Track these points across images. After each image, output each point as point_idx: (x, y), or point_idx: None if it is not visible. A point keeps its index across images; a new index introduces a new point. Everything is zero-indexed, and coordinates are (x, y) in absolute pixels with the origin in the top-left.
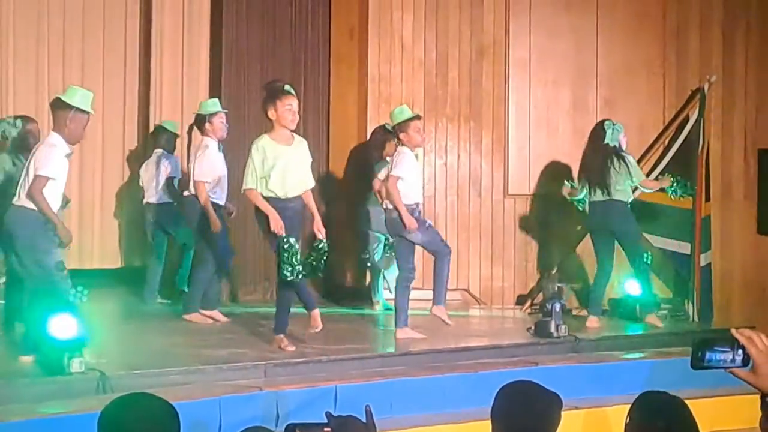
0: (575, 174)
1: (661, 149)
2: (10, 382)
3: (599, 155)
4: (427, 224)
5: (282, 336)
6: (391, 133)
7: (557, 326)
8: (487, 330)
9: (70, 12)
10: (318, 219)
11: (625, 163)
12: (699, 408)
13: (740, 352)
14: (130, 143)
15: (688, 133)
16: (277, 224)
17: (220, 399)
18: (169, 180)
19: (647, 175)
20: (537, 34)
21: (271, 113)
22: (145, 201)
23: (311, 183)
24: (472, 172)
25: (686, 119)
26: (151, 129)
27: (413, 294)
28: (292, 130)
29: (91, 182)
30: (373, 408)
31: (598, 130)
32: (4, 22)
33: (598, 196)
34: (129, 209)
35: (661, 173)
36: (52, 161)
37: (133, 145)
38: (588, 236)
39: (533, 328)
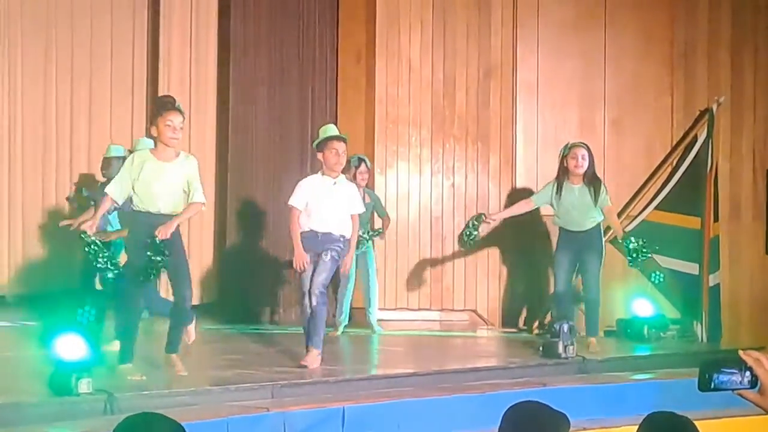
0: None
1: (669, 170)
2: (17, 403)
3: None
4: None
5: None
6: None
7: (565, 347)
8: (495, 351)
9: (78, 40)
10: (168, 224)
11: None
12: (708, 429)
13: (748, 373)
14: None
15: (696, 153)
16: (91, 226)
17: (227, 420)
18: None
19: (651, 200)
20: (544, 55)
21: (152, 129)
22: None
23: (197, 198)
24: (480, 192)
25: (694, 140)
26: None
27: (419, 315)
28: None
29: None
30: (380, 430)
31: None
32: (13, 33)
33: None
34: None
35: (669, 194)
36: None
37: None
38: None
39: (541, 348)
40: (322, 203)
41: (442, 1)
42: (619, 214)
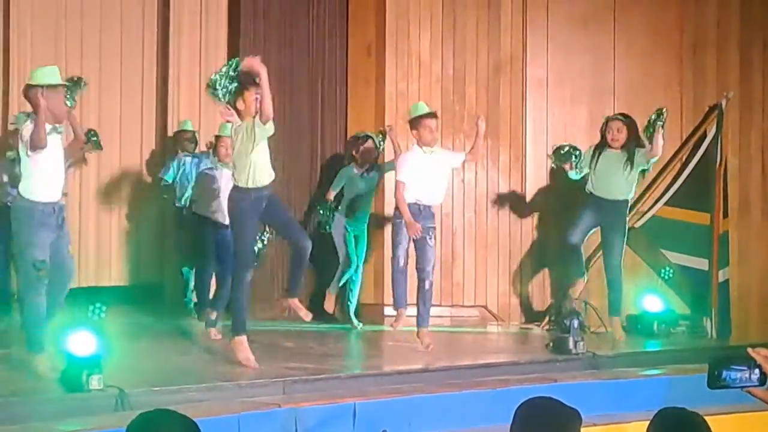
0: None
1: (678, 166)
2: (28, 399)
3: None
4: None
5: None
6: (359, 139)
7: (576, 343)
8: (506, 347)
9: (87, 32)
10: None
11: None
12: (719, 425)
13: (757, 371)
14: (147, 165)
15: (706, 149)
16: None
17: (239, 416)
18: None
19: (661, 196)
20: (554, 51)
21: (239, 103)
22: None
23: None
24: (490, 188)
25: (704, 136)
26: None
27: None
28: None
29: (109, 199)
30: (391, 425)
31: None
32: (22, 29)
33: None
34: (147, 224)
35: (678, 190)
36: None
37: (151, 165)
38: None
39: (552, 344)
40: (422, 177)
41: None
42: (629, 210)
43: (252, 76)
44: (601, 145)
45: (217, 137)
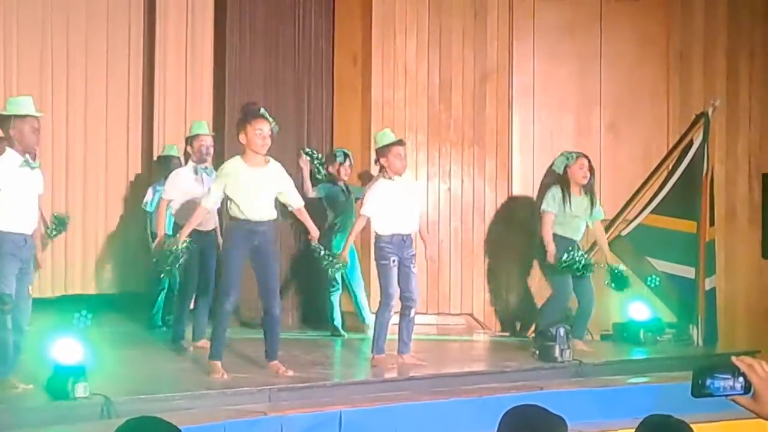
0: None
1: (665, 174)
2: (14, 407)
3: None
4: (391, 261)
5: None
6: (337, 157)
7: (561, 351)
8: (492, 355)
9: (72, 46)
10: (312, 228)
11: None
12: None
13: (741, 379)
14: (133, 171)
15: (692, 157)
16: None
17: (224, 424)
18: None
19: (648, 204)
20: (540, 59)
21: (241, 137)
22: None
23: (297, 203)
24: (476, 197)
25: (690, 144)
26: (155, 159)
27: (415, 318)
28: (264, 155)
29: (95, 207)
30: None
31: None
32: (9, 44)
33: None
34: (132, 235)
35: (665, 198)
36: None
37: (137, 172)
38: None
39: (538, 352)
40: (397, 207)
41: (438, 4)
42: (616, 218)
43: (257, 108)
44: (568, 185)
45: (193, 137)
